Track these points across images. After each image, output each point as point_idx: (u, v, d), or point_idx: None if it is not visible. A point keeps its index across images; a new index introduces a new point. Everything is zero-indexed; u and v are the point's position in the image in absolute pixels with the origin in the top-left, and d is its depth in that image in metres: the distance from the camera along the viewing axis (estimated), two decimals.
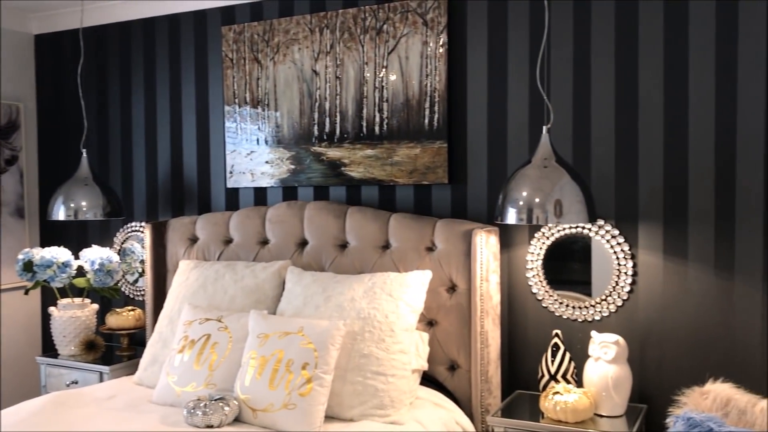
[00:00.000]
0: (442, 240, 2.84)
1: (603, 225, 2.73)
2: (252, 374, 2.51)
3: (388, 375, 2.53)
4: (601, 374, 2.53)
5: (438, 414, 2.61)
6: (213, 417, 2.41)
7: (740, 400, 1.88)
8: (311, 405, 2.40)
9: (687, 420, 1.75)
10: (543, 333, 2.85)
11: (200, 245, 3.38)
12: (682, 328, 2.62)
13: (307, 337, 2.51)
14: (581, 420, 2.47)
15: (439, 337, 2.85)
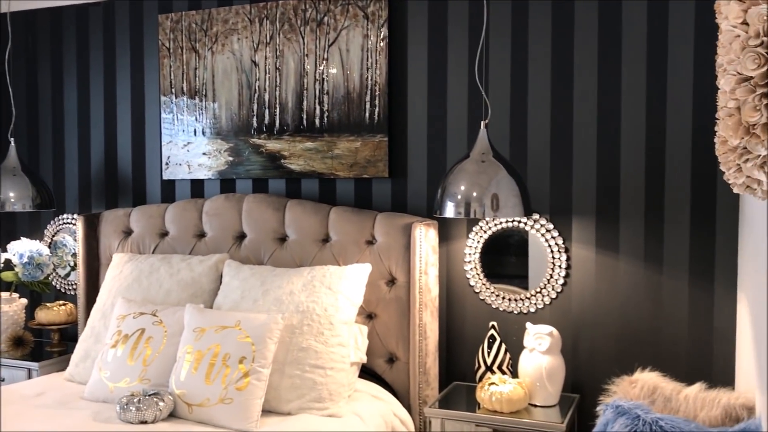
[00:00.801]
0: (382, 233, 2.85)
1: (538, 219, 2.78)
2: (188, 369, 2.47)
3: (326, 368, 2.53)
4: (536, 365, 2.58)
5: (376, 406, 2.63)
6: (147, 413, 2.37)
7: (666, 388, 1.95)
8: (248, 399, 2.38)
9: (615, 408, 1.80)
10: (480, 325, 2.90)
11: (135, 238, 3.30)
12: (612, 320, 2.71)
13: (244, 331, 2.48)
14: (516, 410, 2.53)
15: (378, 330, 2.87)
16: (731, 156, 1.29)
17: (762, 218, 1.67)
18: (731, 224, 2.52)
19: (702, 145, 2.55)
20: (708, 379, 2.08)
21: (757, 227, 1.80)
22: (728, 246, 2.53)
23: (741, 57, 1.16)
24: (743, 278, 2.30)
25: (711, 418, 1.78)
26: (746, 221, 2.22)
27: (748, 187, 1.33)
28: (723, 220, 2.53)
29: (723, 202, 2.53)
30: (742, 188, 1.36)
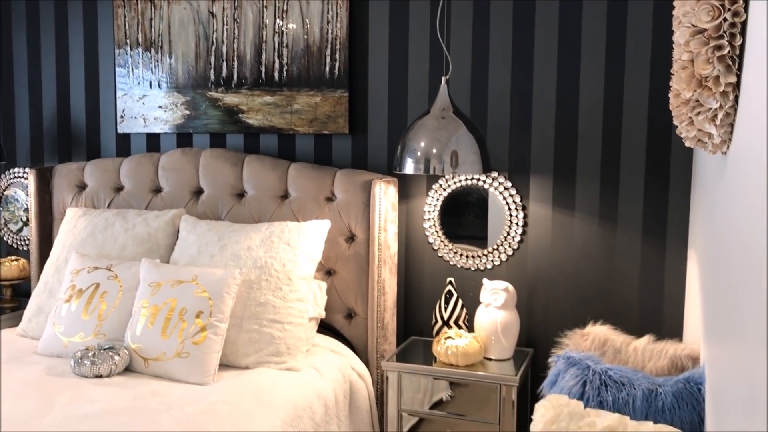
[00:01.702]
0: (341, 190, 2.84)
1: (497, 177, 2.80)
2: (143, 323, 2.45)
3: (284, 323, 2.54)
4: (491, 320, 2.63)
5: (334, 360, 2.65)
6: (102, 367, 2.35)
7: (616, 340, 2.00)
8: (205, 353, 2.37)
9: (567, 359, 1.85)
10: (438, 281, 2.93)
11: (89, 192, 3.23)
12: (567, 276, 2.76)
13: (201, 286, 2.47)
14: (471, 363, 2.57)
15: (337, 286, 2.87)
16: (684, 109, 1.31)
17: (712, 172, 1.70)
18: (684, 184, 2.57)
19: (658, 106, 2.58)
20: (657, 332, 2.14)
21: (708, 182, 1.84)
22: (681, 205, 2.58)
23: (696, 9, 1.17)
24: (694, 236, 2.35)
25: (658, 368, 1.84)
26: (698, 179, 2.27)
27: (699, 140, 1.36)
28: (676, 180, 2.59)
29: (677, 162, 2.58)
30: (694, 142, 1.38)
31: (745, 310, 1.05)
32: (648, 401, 1.64)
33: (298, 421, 2.24)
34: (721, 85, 1.16)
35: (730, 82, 1.15)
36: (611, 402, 1.67)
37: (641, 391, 1.66)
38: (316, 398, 2.39)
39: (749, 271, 1.03)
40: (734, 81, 1.15)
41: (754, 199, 1.02)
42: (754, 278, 0.97)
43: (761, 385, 0.89)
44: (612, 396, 1.68)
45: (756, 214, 0.99)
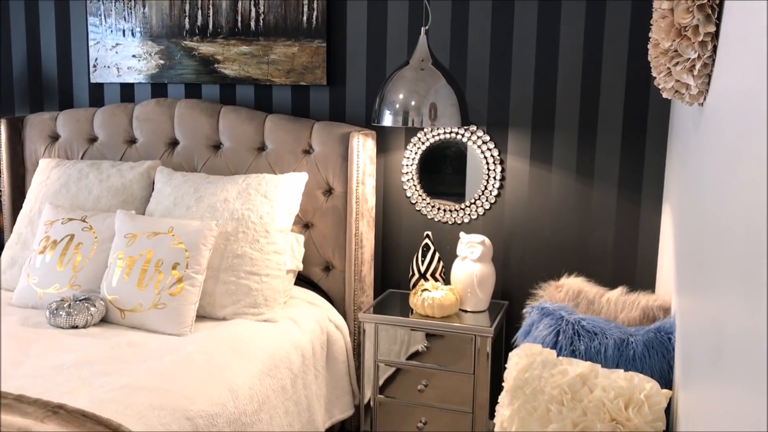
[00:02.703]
0: (319, 143, 2.82)
1: (475, 131, 2.79)
2: (119, 274, 2.44)
3: (262, 275, 2.54)
4: (467, 272, 2.65)
5: (312, 312, 2.66)
6: (78, 318, 2.34)
7: (590, 291, 2.03)
8: (182, 304, 2.37)
9: (541, 310, 1.87)
10: (415, 235, 2.94)
11: (62, 143, 3.17)
12: (543, 230, 2.78)
13: (177, 237, 2.45)
14: (447, 315, 2.60)
15: (315, 239, 2.87)
16: (662, 59, 1.30)
17: (688, 125, 1.71)
18: (661, 139, 2.59)
19: (637, 60, 2.58)
20: (630, 285, 2.17)
21: (683, 135, 1.85)
22: (657, 160, 2.60)
23: None
24: (668, 190, 2.38)
25: (630, 319, 1.88)
26: (674, 133, 2.28)
27: (677, 92, 1.35)
28: (653, 135, 2.60)
29: (654, 117, 2.59)
30: (671, 93, 1.38)
31: (717, 261, 1.07)
32: (619, 350, 1.67)
33: (275, 371, 2.26)
34: (699, 34, 1.15)
35: (709, 31, 1.14)
36: (583, 351, 1.70)
37: (613, 340, 1.69)
38: (294, 348, 2.41)
39: (722, 221, 1.04)
40: (713, 30, 1.14)
41: (729, 149, 1.02)
42: (727, 228, 0.99)
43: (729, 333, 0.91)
44: (584, 345, 1.71)
45: (730, 163, 1.00)
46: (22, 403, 1.69)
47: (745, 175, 0.85)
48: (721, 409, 0.94)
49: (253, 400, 2.10)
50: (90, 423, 1.64)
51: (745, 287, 0.79)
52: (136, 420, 1.71)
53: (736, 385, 0.82)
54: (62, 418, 1.64)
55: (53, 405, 1.69)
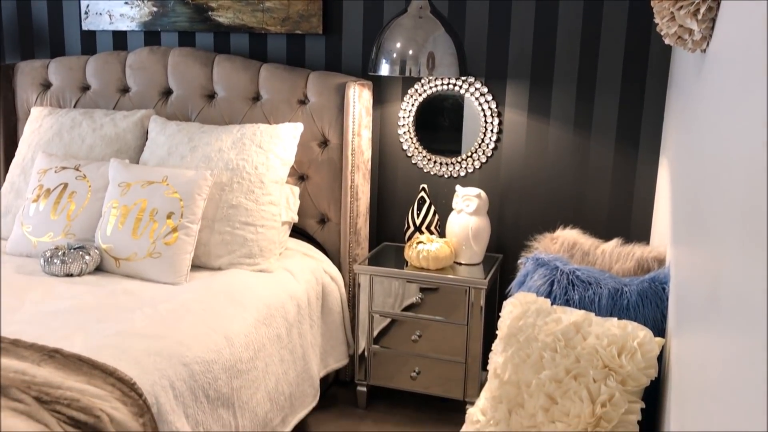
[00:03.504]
0: (314, 93, 2.79)
1: (473, 83, 2.76)
2: (114, 223, 2.43)
3: (257, 225, 2.53)
4: (463, 225, 2.65)
5: (307, 263, 2.67)
6: (72, 266, 2.34)
7: (585, 243, 2.03)
8: (177, 254, 2.37)
9: (536, 260, 1.87)
10: (411, 188, 2.93)
11: (54, 91, 3.13)
12: (539, 183, 2.77)
13: (171, 187, 2.43)
14: (442, 267, 2.61)
15: (310, 191, 2.86)
16: (666, 3, 1.28)
17: (689, 73, 1.69)
18: (659, 93, 2.56)
19: (638, 12, 2.53)
20: (626, 237, 2.17)
21: (684, 83, 1.83)
22: (655, 113, 2.58)
23: None
24: (666, 142, 2.36)
25: (624, 270, 1.88)
26: (674, 82, 2.26)
27: (679, 38, 1.33)
28: (652, 88, 2.57)
29: (653, 70, 2.56)
30: (674, 39, 1.36)
31: (715, 209, 1.06)
32: (613, 300, 1.68)
33: (271, 320, 2.27)
34: None
35: None
36: (577, 300, 1.71)
37: (607, 290, 1.70)
38: (289, 298, 2.42)
39: (721, 169, 1.03)
40: None
41: (731, 96, 1.01)
42: (727, 175, 0.98)
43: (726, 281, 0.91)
44: (578, 295, 1.72)
45: (732, 110, 0.99)
46: (18, 347, 1.69)
47: (747, 122, 0.84)
48: (715, 356, 0.94)
49: (249, 347, 2.11)
50: (86, 367, 1.65)
51: (744, 234, 0.78)
52: (132, 365, 1.72)
53: (731, 332, 0.83)
54: (58, 362, 1.65)
55: (49, 349, 1.69)
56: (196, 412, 1.83)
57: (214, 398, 1.91)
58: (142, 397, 1.64)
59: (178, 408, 1.76)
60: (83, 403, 1.51)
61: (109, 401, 1.56)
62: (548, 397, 1.51)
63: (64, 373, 1.61)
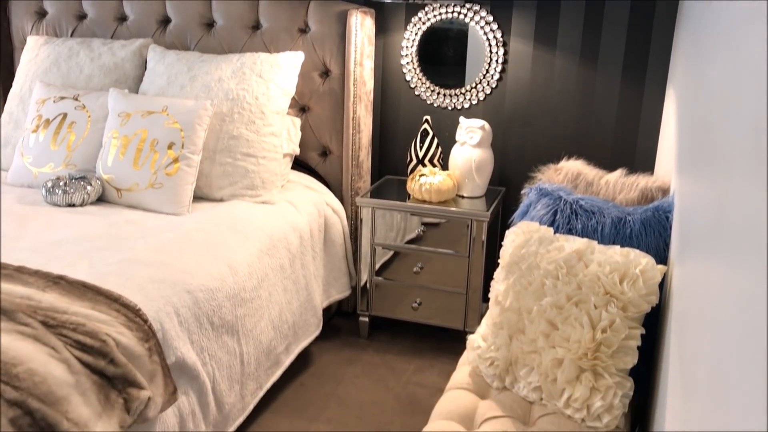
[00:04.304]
0: (315, 21, 2.72)
1: (478, 11, 2.69)
2: (114, 154, 2.41)
3: (258, 157, 2.51)
4: (466, 157, 2.63)
5: (309, 196, 2.66)
6: (74, 196, 2.33)
7: (589, 174, 2.02)
8: (178, 185, 2.36)
9: (539, 190, 1.87)
10: (414, 120, 2.89)
11: (50, 20, 3.06)
12: (544, 115, 2.74)
13: (172, 117, 2.41)
14: (444, 200, 2.60)
15: (312, 123, 2.83)
16: None
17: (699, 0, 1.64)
18: (669, 21, 2.50)
19: None
20: (630, 167, 2.16)
21: (696, 9, 1.78)
22: (663, 44, 2.52)
23: None
24: (674, 73, 2.32)
25: (628, 200, 1.87)
26: (685, 9, 2.20)
27: None
28: (661, 16, 2.51)
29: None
30: None
31: (723, 137, 1.04)
32: (616, 228, 1.68)
33: (274, 251, 2.28)
34: None
35: None
36: (580, 229, 1.71)
37: (610, 219, 1.70)
38: (292, 230, 2.42)
39: (731, 96, 1.01)
40: None
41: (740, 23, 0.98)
42: (735, 103, 0.96)
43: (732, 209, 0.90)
44: (581, 224, 1.72)
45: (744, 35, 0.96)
46: (22, 273, 1.70)
47: (757, 49, 0.82)
48: (717, 283, 0.94)
49: (252, 277, 2.12)
50: (90, 293, 1.66)
51: (751, 163, 0.77)
52: (137, 292, 1.73)
53: (734, 260, 0.82)
54: (63, 289, 1.66)
55: (54, 276, 1.70)
56: (201, 338, 1.86)
57: (219, 325, 1.93)
58: (147, 322, 1.65)
59: (183, 334, 1.78)
60: (89, 328, 1.52)
61: (114, 326, 1.58)
62: (549, 323, 1.52)
63: (69, 299, 1.62)
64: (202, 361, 1.86)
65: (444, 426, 1.50)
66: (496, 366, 1.63)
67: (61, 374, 1.41)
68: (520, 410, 1.55)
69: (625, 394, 1.47)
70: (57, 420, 1.35)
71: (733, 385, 0.71)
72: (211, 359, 1.90)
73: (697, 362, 0.99)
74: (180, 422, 1.77)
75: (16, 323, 1.47)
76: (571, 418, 1.49)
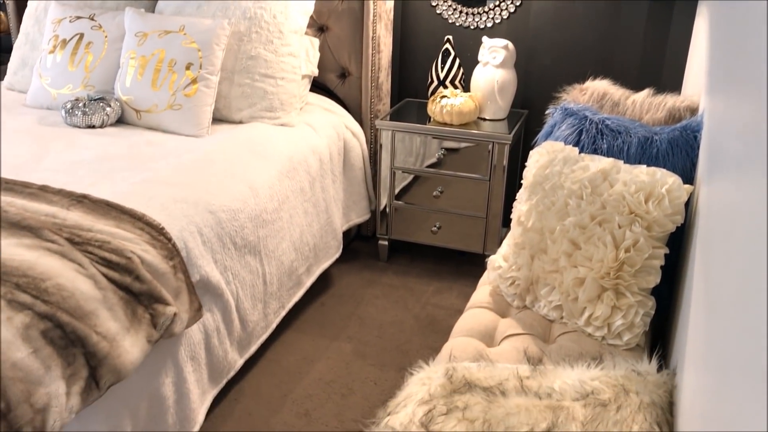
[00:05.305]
0: None
1: None
2: (132, 75, 2.39)
3: (277, 78, 2.48)
4: (488, 78, 2.57)
5: (328, 118, 2.63)
6: (94, 117, 2.32)
7: (615, 94, 1.97)
8: (197, 106, 2.34)
9: (564, 110, 1.83)
10: (435, 40, 2.83)
11: None
12: (569, 34, 2.66)
13: (189, 36, 2.36)
14: (465, 122, 2.57)
15: (330, 44, 2.77)
16: None
17: None
18: None
19: None
20: (657, 88, 2.10)
21: None
22: None
23: None
24: None
25: (655, 120, 1.84)
26: None
27: None
28: None
29: None
30: None
31: (758, 54, 1.00)
32: (643, 148, 1.65)
33: (294, 173, 2.27)
34: None
35: None
36: (606, 149, 1.68)
37: (637, 138, 1.66)
38: (311, 153, 2.41)
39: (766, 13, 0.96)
40: None
41: None
42: None
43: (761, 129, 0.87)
44: (607, 144, 1.69)
45: None
46: (46, 192, 1.71)
47: None
48: (746, 203, 0.92)
49: (273, 198, 2.13)
50: (114, 212, 1.67)
51: None
52: (159, 211, 1.74)
53: (765, 179, 0.80)
54: (87, 207, 1.67)
55: (77, 195, 1.71)
56: (224, 258, 1.88)
57: (241, 246, 1.95)
58: (171, 241, 1.67)
59: (207, 253, 1.80)
60: (114, 245, 1.54)
61: (138, 244, 1.59)
62: (571, 243, 1.52)
63: (93, 217, 1.64)
64: (226, 280, 1.88)
65: (465, 342, 1.52)
66: (517, 285, 1.64)
67: (89, 289, 1.44)
68: (540, 328, 1.57)
69: (647, 312, 1.48)
70: (86, 333, 1.38)
71: (759, 304, 0.70)
72: (234, 278, 1.92)
73: (723, 282, 0.98)
74: (205, 338, 1.81)
75: (42, 240, 1.49)
76: (591, 336, 1.51)
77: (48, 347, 1.33)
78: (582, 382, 1.23)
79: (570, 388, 1.23)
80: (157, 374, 1.64)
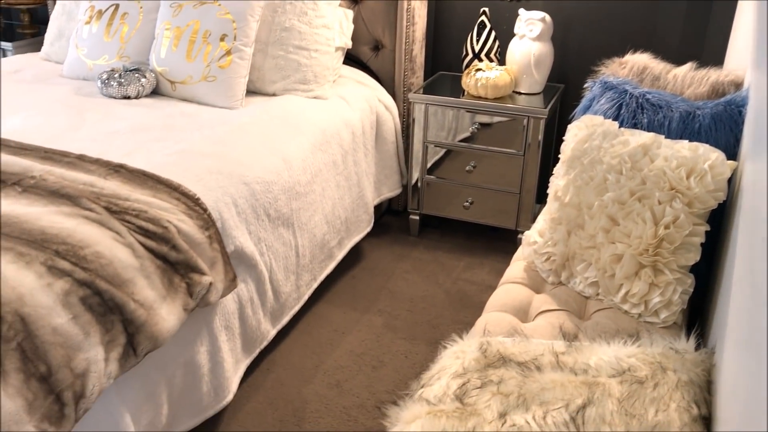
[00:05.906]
0: None
1: None
2: (167, 46, 2.39)
3: (311, 50, 2.46)
4: (524, 51, 2.53)
5: (361, 91, 2.62)
6: (129, 88, 2.34)
7: (656, 68, 1.93)
8: (231, 77, 2.34)
9: (603, 84, 1.79)
10: (470, 12, 2.78)
11: None
12: (608, 8, 2.60)
13: (224, 8, 2.36)
14: (500, 96, 2.53)
15: (364, 15, 2.75)
16: None
17: None
18: None
19: None
20: (699, 62, 2.05)
21: None
22: None
23: None
24: None
25: (698, 95, 1.79)
26: None
27: None
28: None
29: None
30: None
31: None
32: (684, 123, 1.61)
33: (326, 146, 2.27)
34: None
35: None
36: (646, 124, 1.65)
37: (678, 113, 1.62)
38: (344, 126, 2.40)
39: None
40: None
41: None
42: None
43: None
44: (648, 118, 1.65)
45: None
46: (84, 161, 1.73)
47: None
48: None
49: (306, 171, 2.13)
50: (151, 182, 1.69)
51: None
52: (195, 182, 1.75)
53: None
54: (124, 177, 1.69)
55: (114, 164, 1.73)
56: (258, 229, 1.88)
57: (275, 217, 1.96)
58: (206, 211, 1.68)
59: (241, 224, 1.81)
60: (151, 215, 1.55)
61: (175, 214, 1.61)
62: (610, 219, 1.50)
63: (130, 186, 1.65)
64: (260, 251, 1.90)
65: (499, 317, 1.51)
66: (553, 261, 1.62)
67: (126, 258, 1.46)
68: (575, 304, 1.55)
69: (685, 290, 1.45)
70: (124, 300, 1.40)
71: None
72: (268, 250, 1.93)
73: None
74: (239, 308, 1.83)
75: (81, 208, 1.51)
76: (628, 313, 1.49)
77: (87, 314, 1.35)
78: (618, 358, 1.22)
79: (606, 364, 1.22)
80: (192, 343, 1.67)
